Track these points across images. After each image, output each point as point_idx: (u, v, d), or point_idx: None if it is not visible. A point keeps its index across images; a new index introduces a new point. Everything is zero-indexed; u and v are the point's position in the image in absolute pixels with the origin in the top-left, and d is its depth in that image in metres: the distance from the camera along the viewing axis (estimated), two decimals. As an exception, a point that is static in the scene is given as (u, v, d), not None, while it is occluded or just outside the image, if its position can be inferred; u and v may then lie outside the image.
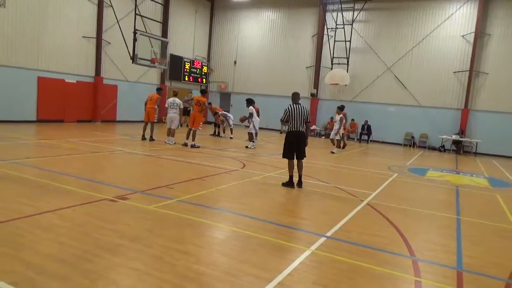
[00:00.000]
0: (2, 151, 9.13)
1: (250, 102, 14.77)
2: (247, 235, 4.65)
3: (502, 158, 18.56)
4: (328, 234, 4.92)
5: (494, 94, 19.49)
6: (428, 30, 20.78)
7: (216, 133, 17.72)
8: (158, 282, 3.24)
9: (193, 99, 15.17)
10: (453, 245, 4.99)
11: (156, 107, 13.41)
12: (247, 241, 4.48)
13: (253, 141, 14.12)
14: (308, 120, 7.63)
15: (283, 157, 7.71)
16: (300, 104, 7.65)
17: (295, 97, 7.77)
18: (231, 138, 16.77)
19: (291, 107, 7.52)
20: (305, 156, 7.74)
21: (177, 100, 13.21)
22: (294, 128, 7.49)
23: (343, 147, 16.18)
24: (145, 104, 13.45)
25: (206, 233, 4.74)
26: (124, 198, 5.73)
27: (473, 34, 19.61)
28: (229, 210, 5.79)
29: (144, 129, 13.50)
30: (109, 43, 19.46)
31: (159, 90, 14.04)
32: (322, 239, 4.70)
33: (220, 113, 17.14)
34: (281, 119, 7.71)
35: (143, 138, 13.35)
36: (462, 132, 19.86)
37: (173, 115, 13.05)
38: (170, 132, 13.11)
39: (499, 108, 19.36)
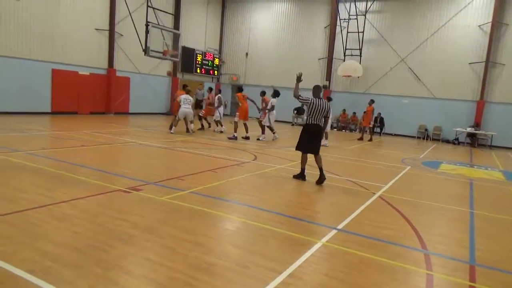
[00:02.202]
0: (19, 142, 9.31)
1: (276, 94, 14.65)
2: (258, 227, 4.67)
3: (518, 151, 18.21)
4: (340, 226, 4.92)
5: (511, 85, 19.04)
6: (443, 20, 20.36)
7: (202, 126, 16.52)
8: (170, 273, 3.29)
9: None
10: (466, 238, 4.94)
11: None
12: (258, 233, 4.50)
13: (264, 134, 14.25)
14: (328, 115, 7.47)
15: (297, 149, 7.53)
16: (322, 98, 7.38)
17: (317, 91, 7.47)
18: (221, 132, 15.52)
19: (313, 100, 7.28)
20: (318, 151, 7.49)
21: (190, 97, 13.83)
22: (313, 121, 7.29)
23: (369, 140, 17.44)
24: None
25: (217, 225, 4.78)
26: (137, 189, 5.81)
27: (490, 24, 19.14)
28: (240, 202, 5.82)
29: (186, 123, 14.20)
30: (122, 35, 19.56)
31: (185, 86, 14.81)
32: (334, 232, 4.69)
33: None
34: (296, 95, 7.36)
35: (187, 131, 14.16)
36: (477, 125, 19.50)
37: (187, 110, 13.63)
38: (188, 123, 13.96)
39: (516, 100, 18.94)
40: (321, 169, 7.36)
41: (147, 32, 16.25)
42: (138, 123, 16.74)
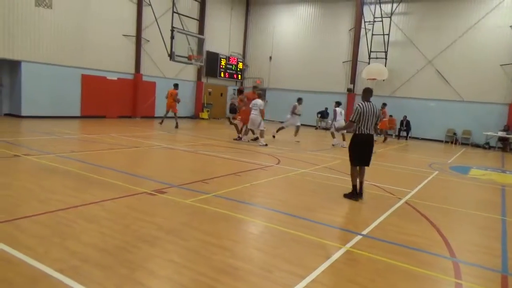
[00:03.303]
0: (50, 145, 9.66)
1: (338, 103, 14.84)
2: (281, 231, 4.66)
3: (554, 156, 17.39)
4: (364, 232, 4.84)
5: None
6: (472, 21, 19.76)
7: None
8: (194, 275, 3.33)
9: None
10: (497, 247, 4.75)
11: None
12: (281, 237, 4.49)
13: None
14: (378, 122, 6.63)
15: (354, 164, 6.58)
16: (371, 102, 6.45)
17: (367, 94, 6.54)
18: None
19: (362, 105, 6.37)
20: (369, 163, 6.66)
21: (259, 101, 13.05)
22: (364, 130, 6.38)
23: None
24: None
25: (241, 228, 4.79)
26: (162, 192, 5.91)
27: (523, 24, 18.44)
28: (264, 205, 5.82)
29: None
30: (148, 41, 20.00)
31: (175, 86, 16.44)
32: (358, 237, 4.62)
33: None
34: (350, 120, 6.44)
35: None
36: (509, 128, 18.77)
37: (253, 116, 12.86)
38: (260, 133, 12.96)
39: (552, 103, 18.13)
40: (361, 184, 6.63)
41: (172, 37, 16.57)
42: (163, 127, 17.04)
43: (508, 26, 18.90)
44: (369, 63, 21.77)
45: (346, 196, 6.65)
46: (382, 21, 21.52)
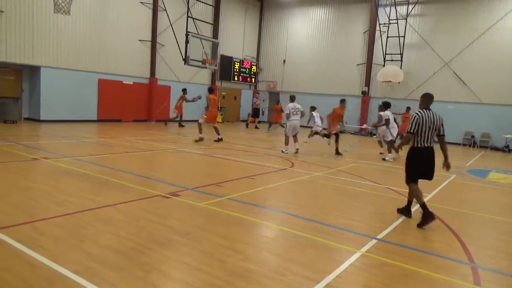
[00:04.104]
0: (67, 149, 9.84)
1: (386, 106, 12.30)
2: (295, 235, 4.63)
3: None
4: (380, 236, 4.77)
5: None
6: (490, 22, 19.35)
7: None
8: (208, 278, 3.33)
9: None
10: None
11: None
12: (295, 241, 4.46)
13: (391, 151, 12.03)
14: (442, 133, 5.55)
15: (407, 182, 5.67)
16: (431, 110, 5.52)
17: (427, 100, 5.60)
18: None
19: (421, 114, 5.40)
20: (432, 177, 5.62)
21: (297, 105, 12.00)
22: (423, 142, 5.41)
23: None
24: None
25: (254, 231, 4.78)
26: (176, 194, 5.95)
27: (543, 24, 17.98)
28: (277, 209, 5.80)
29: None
30: (163, 45, 20.23)
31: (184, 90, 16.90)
32: (373, 242, 4.56)
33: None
34: (408, 131, 5.45)
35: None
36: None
37: (296, 122, 11.89)
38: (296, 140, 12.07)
39: None
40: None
41: (187, 41, 16.72)
42: (178, 130, 17.18)
43: (527, 26, 18.46)
44: (384, 66, 21.54)
45: (400, 211, 5.84)
46: (397, 23, 21.27)
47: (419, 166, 5.53)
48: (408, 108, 17.02)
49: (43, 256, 3.46)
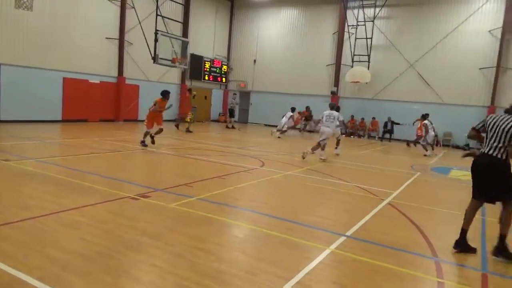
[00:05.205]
0: (30, 150, 9.44)
1: (424, 117, 15.69)
2: (266, 234, 4.66)
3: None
4: (348, 233, 4.87)
5: (522, 90, 18.80)
6: (452, 26, 20.21)
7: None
8: (179, 280, 3.29)
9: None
10: (478, 246, 4.84)
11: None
12: (266, 240, 4.49)
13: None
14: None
15: (472, 195, 4.73)
16: (506, 115, 4.56)
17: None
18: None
19: (494, 116, 4.66)
20: (506, 198, 4.40)
21: (334, 113, 11.41)
22: (486, 149, 4.51)
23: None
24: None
25: (225, 231, 4.77)
26: (145, 196, 5.84)
27: (500, 29, 18.94)
28: (248, 208, 5.81)
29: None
30: (131, 43, 19.79)
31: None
32: (342, 239, 4.66)
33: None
34: (473, 126, 4.82)
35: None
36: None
37: (328, 130, 11.19)
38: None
39: (528, 105, 18.66)
40: (502, 238, 4.41)
41: (156, 40, 16.42)
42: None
43: (486, 31, 19.40)
44: (352, 66, 22.03)
45: (456, 247, 4.59)
46: (365, 25, 21.83)
47: (474, 176, 4.66)
48: (424, 116, 16.75)
49: (4, 264, 3.30)
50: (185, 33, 22.47)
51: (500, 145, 4.37)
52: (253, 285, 3.31)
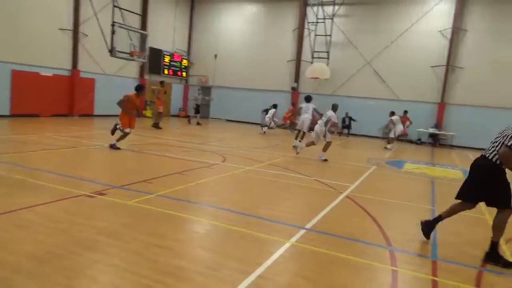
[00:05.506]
0: (-26, 147, 8.83)
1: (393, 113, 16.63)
2: (228, 229, 4.66)
3: (476, 150, 19.10)
4: (308, 226, 4.99)
5: (469, 88, 19.99)
6: (406, 25, 21.08)
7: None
8: (138, 278, 3.23)
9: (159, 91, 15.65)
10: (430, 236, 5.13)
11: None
12: (227, 235, 4.50)
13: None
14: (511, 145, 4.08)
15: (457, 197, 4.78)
16: None
17: None
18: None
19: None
20: (496, 204, 4.36)
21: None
22: (485, 151, 4.45)
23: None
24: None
25: (186, 228, 4.73)
26: (102, 193, 5.65)
27: (450, 29, 20.01)
28: (209, 204, 5.79)
29: None
30: (87, 35, 18.97)
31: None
32: (302, 231, 4.76)
33: None
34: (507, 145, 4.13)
35: None
36: (438, 125, 20.34)
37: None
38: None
39: (473, 102, 19.89)
40: (493, 245, 4.29)
41: (113, 32, 15.84)
42: (103, 125, 16.25)
43: (437, 31, 20.41)
44: (312, 63, 22.43)
45: (488, 260, 4.29)
46: (324, 22, 22.27)
47: (468, 176, 4.73)
48: (405, 112, 18.57)
49: None
50: (143, 26, 21.84)
51: (495, 145, 4.30)
52: (215, 281, 3.31)
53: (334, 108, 11.42)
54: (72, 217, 4.56)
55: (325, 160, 11.00)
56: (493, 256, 4.27)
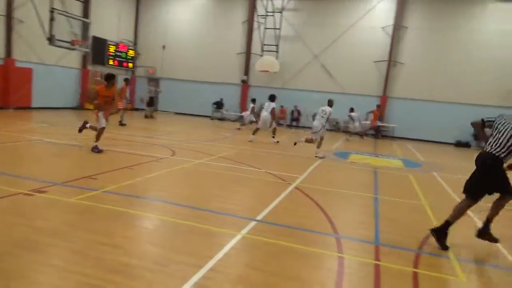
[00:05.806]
0: None
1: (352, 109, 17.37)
2: (177, 223, 4.60)
3: (415, 141, 20.37)
4: (259, 217, 5.04)
5: (409, 82, 21.22)
6: (352, 21, 21.84)
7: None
8: (83, 278, 3.09)
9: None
10: (371, 222, 5.41)
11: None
12: (177, 229, 4.43)
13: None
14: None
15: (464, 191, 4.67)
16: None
17: None
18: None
19: (501, 119, 4.56)
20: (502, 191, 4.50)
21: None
22: (487, 147, 4.53)
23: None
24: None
25: (134, 224, 4.59)
26: (42, 191, 5.31)
27: (391, 26, 21.02)
28: (158, 198, 5.66)
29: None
30: (22, 21, 17.60)
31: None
32: (253, 223, 4.80)
33: None
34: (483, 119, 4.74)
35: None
36: (380, 118, 21.39)
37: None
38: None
39: (413, 95, 21.16)
40: (487, 220, 4.60)
41: (51, 19, 14.87)
42: (43, 118, 15.27)
43: (379, 27, 21.36)
44: (262, 56, 22.56)
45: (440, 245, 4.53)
46: (273, 15, 22.45)
47: (474, 172, 4.64)
48: (378, 106, 19.75)
49: None
50: (86, 14, 20.70)
51: (501, 144, 4.39)
52: (164, 276, 3.25)
53: (330, 103, 12.39)
54: (8, 217, 4.25)
55: (322, 157, 11.04)
56: (439, 233, 4.54)
